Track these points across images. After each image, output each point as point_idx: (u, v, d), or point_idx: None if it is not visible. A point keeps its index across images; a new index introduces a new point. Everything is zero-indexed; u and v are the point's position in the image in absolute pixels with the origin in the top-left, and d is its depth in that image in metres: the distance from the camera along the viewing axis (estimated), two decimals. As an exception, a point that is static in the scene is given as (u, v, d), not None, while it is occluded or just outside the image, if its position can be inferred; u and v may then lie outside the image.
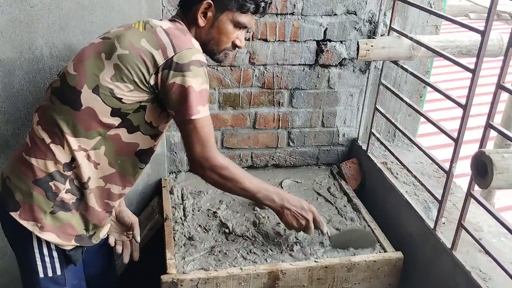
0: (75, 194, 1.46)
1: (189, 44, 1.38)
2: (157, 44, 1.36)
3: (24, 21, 1.83)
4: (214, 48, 1.54)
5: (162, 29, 1.39)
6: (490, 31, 1.44)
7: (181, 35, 1.39)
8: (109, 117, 1.39)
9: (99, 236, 1.59)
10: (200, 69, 1.37)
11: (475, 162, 1.26)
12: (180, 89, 1.35)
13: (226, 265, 1.72)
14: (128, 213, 1.77)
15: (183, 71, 1.34)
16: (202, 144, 1.42)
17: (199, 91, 1.37)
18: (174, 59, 1.34)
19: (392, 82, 2.30)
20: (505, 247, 1.66)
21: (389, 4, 2.13)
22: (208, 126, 1.44)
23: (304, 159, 2.45)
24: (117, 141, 1.44)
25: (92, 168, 1.45)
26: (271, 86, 2.24)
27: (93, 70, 1.38)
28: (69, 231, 1.47)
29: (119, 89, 1.36)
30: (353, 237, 1.86)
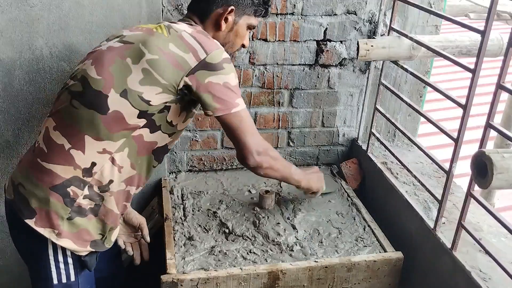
0: (94, 199, 1.45)
1: (217, 45, 1.45)
2: (186, 48, 1.40)
3: (24, 21, 1.83)
4: (228, 50, 1.59)
5: (187, 33, 1.44)
6: (490, 31, 1.44)
7: (206, 38, 1.46)
8: (136, 119, 1.41)
9: (111, 240, 1.57)
10: (231, 65, 1.44)
11: (475, 162, 1.26)
12: (218, 87, 1.41)
13: (226, 265, 1.72)
14: (135, 214, 1.78)
15: (218, 70, 1.40)
16: (252, 132, 1.50)
17: (235, 85, 1.44)
18: (207, 60, 1.39)
19: (392, 82, 2.30)
20: (505, 247, 1.66)
21: (389, 4, 2.13)
22: (249, 115, 1.52)
23: (304, 159, 2.45)
24: (139, 141, 1.46)
25: (116, 171, 1.45)
26: (271, 86, 2.24)
27: (120, 74, 1.39)
28: (85, 237, 1.46)
29: (148, 92, 1.39)
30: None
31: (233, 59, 1.64)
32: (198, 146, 2.30)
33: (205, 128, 2.26)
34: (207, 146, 2.31)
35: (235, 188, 2.22)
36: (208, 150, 2.32)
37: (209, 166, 2.36)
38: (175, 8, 2.00)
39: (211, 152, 2.33)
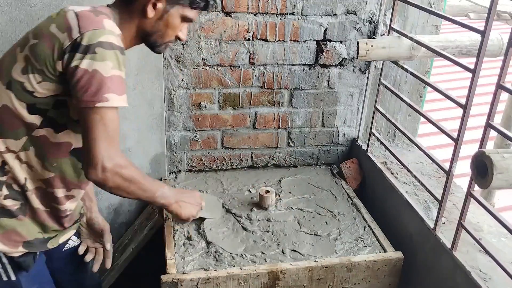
0: (18, 199, 1.39)
1: (98, 25, 1.25)
2: (63, 27, 1.25)
3: (24, 21, 1.83)
4: (157, 40, 1.46)
5: (74, 12, 1.28)
6: (490, 31, 1.44)
7: (91, 16, 1.27)
8: (27, 114, 1.31)
9: (58, 241, 1.52)
10: (110, 52, 1.23)
11: (475, 162, 1.26)
12: (84, 73, 1.21)
13: (226, 265, 1.72)
14: (98, 220, 1.71)
15: (88, 53, 1.21)
16: (109, 140, 1.25)
17: (108, 77, 1.22)
18: (79, 40, 1.22)
19: (392, 82, 2.30)
20: (505, 247, 1.66)
21: (389, 4, 2.13)
22: (117, 120, 1.28)
23: (304, 159, 2.45)
24: (45, 143, 1.36)
25: (26, 168, 1.37)
26: (271, 86, 2.24)
27: (7, 65, 1.31)
28: (15, 238, 1.40)
29: (28, 81, 1.28)
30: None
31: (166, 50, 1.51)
32: (198, 146, 2.30)
33: (205, 128, 2.26)
34: (207, 146, 2.31)
35: (235, 188, 2.21)
36: (208, 150, 2.32)
37: (209, 166, 2.36)
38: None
39: (211, 152, 2.33)
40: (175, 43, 1.49)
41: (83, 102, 1.22)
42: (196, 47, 2.08)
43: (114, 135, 1.27)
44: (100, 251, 1.74)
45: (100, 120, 1.23)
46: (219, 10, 2.04)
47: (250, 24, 2.09)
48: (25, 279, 1.47)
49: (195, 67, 2.12)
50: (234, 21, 2.07)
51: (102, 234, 1.70)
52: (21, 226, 1.41)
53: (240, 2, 2.04)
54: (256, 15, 2.08)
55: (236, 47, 2.12)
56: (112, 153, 1.27)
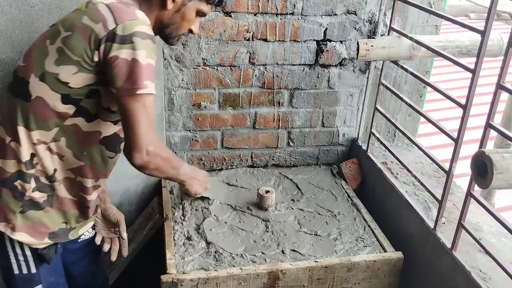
0: (45, 191, 1.43)
1: (132, 16, 1.29)
2: (97, 18, 1.28)
3: (24, 21, 1.83)
4: (173, 32, 1.51)
5: (104, 4, 1.32)
6: (490, 31, 1.44)
7: (123, 7, 1.31)
8: (61, 104, 1.34)
9: (78, 232, 1.56)
10: (145, 42, 1.28)
11: (475, 162, 1.26)
12: (124, 62, 1.26)
13: (226, 265, 1.72)
14: (113, 210, 1.75)
15: (126, 43, 1.25)
16: (151, 125, 1.33)
17: (145, 65, 1.27)
18: (116, 31, 1.26)
19: (392, 82, 2.30)
20: (505, 247, 1.66)
21: (389, 4, 2.13)
22: (153, 106, 1.34)
23: (304, 159, 2.45)
24: (77, 132, 1.40)
25: (57, 159, 1.41)
26: (271, 86, 2.24)
27: (38, 57, 1.34)
28: (42, 229, 1.45)
29: (63, 73, 1.31)
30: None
31: (178, 42, 1.54)
32: (198, 146, 2.30)
33: (205, 128, 2.26)
34: (207, 146, 2.31)
35: (235, 188, 2.21)
36: (208, 150, 2.32)
37: (209, 166, 2.36)
38: (175, 8, 1.99)
39: (211, 152, 2.33)
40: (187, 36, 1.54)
41: (125, 90, 1.27)
42: (196, 47, 2.08)
43: (153, 119, 1.35)
44: (116, 241, 1.79)
45: (142, 106, 1.29)
46: (219, 10, 2.04)
47: (250, 24, 2.09)
48: (44, 271, 1.52)
49: (195, 67, 2.13)
50: (234, 21, 2.07)
51: (118, 224, 1.74)
52: (47, 217, 1.45)
53: (240, 2, 2.04)
54: (256, 15, 2.08)
55: (236, 47, 2.12)
56: (154, 137, 1.35)
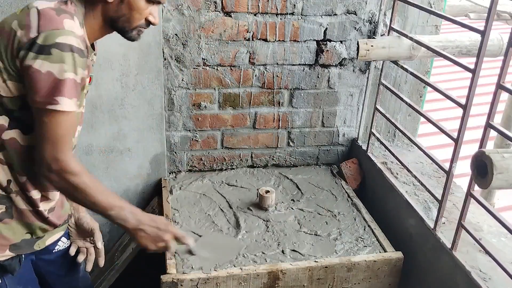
0: (3, 202, 1.36)
1: (58, 25, 1.20)
2: (23, 24, 1.21)
3: (24, 21, 1.83)
4: (125, 25, 1.38)
5: (37, 9, 1.24)
6: (490, 31, 1.44)
7: (53, 15, 1.22)
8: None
9: (45, 243, 1.49)
10: (66, 54, 1.19)
11: (475, 162, 1.26)
12: (38, 74, 1.18)
13: (226, 265, 1.72)
14: (87, 219, 1.68)
15: (42, 54, 1.17)
16: (54, 142, 1.24)
17: (62, 80, 1.19)
18: (36, 40, 1.18)
19: (392, 82, 2.30)
20: (505, 247, 1.66)
21: (389, 4, 2.13)
22: (67, 124, 1.25)
23: (304, 159, 2.45)
24: (16, 146, 1.32)
25: (7, 170, 1.34)
26: (271, 86, 2.24)
27: None
28: (1, 242, 1.37)
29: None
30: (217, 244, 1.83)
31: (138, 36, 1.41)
32: (198, 146, 2.30)
33: (205, 128, 2.26)
34: (207, 146, 2.31)
35: (235, 188, 2.21)
36: (208, 150, 2.32)
37: (209, 166, 2.36)
38: (175, 8, 2.00)
39: (211, 152, 2.33)
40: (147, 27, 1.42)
41: (35, 102, 1.21)
42: (196, 47, 2.08)
43: (62, 138, 1.25)
44: (92, 250, 1.71)
45: (47, 122, 1.22)
46: (219, 10, 2.04)
47: (250, 24, 2.09)
48: (10, 280, 1.45)
49: (195, 67, 2.12)
50: (234, 21, 2.07)
51: (92, 233, 1.65)
52: (7, 229, 1.38)
53: (240, 2, 2.04)
54: (256, 15, 2.08)
55: (236, 47, 2.12)
56: (60, 156, 1.25)
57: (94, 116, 2.05)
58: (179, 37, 2.05)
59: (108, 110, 2.06)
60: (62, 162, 1.26)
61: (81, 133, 2.01)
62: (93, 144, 2.11)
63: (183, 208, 2.05)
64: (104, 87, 2.02)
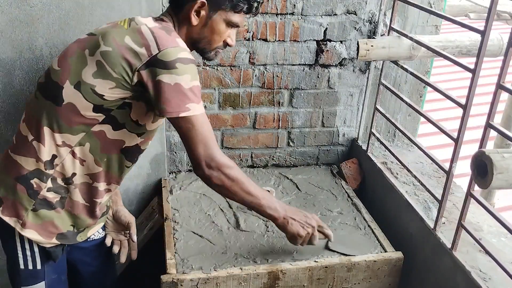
0: (59, 192, 1.45)
1: (174, 43, 1.34)
2: (140, 42, 1.33)
3: (24, 21, 1.83)
4: (206, 47, 1.52)
5: (147, 27, 1.36)
6: (490, 31, 1.44)
7: (165, 34, 1.36)
8: (91, 113, 1.38)
9: (86, 235, 1.58)
10: (188, 66, 1.33)
11: (475, 162, 1.26)
12: (167, 87, 1.31)
13: (226, 265, 1.72)
14: (125, 212, 1.76)
15: (169, 69, 1.31)
16: (204, 143, 1.38)
17: (188, 88, 1.33)
18: (159, 57, 1.31)
19: (392, 82, 2.30)
20: (505, 247, 1.66)
21: (389, 4, 2.13)
22: (206, 124, 1.39)
23: (304, 159, 2.45)
24: (102, 138, 1.43)
25: (78, 164, 1.44)
26: (271, 86, 2.24)
27: (76, 65, 1.37)
28: (51, 229, 1.47)
29: (100, 86, 1.34)
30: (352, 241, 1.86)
31: (216, 56, 1.55)
32: (198, 146, 2.29)
33: (205, 128, 2.26)
34: (207, 146, 2.30)
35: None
36: (208, 150, 2.32)
37: (209, 166, 2.35)
38: (175, 8, 1.99)
39: (211, 152, 2.33)
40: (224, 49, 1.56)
41: (168, 113, 1.33)
42: (196, 47, 2.08)
43: (208, 137, 1.39)
44: (126, 243, 1.79)
45: (190, 128, 1.36)
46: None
47: (250, 24, 2.09)
48: (49, 268, 1.53)
49: (195, 67, 2.12)
50: (234, 21, 2.07)
51: (129, 226, 1.75)
52: (58, 218, 1.47)
53: (240, 2, 2.04)
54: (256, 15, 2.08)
55: (236, 47, 2.12)
56: (212, 153, 1.40)
57: (94, 116, 2.05)
58: (179, 37, 2.05)
59: (108, 110, 2.06)
60: (218, 158, 1.41)
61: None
62: (93, 144, 2.11)
63: (183, 208, 2.05)
64: (104, 87, 2.02)
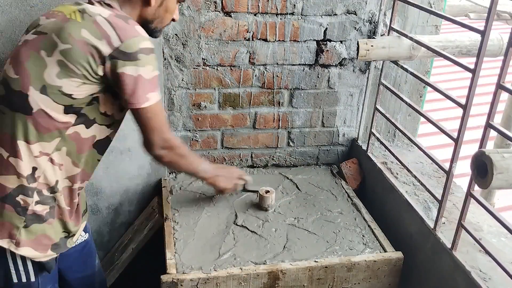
0: (47, 203, 1.42)
1: (134, 32, 1.33)
2: (99, 35, 1.30)
3: (24, 21, 1.83)
4: (158, 26, 1.53)
5: (103, 17, 1.33)
6: (490, 31, 1.44)
7: (123, 23, 1.34)
8: (63, 115, 1.35)
9: (73, 240, 1.57)
10: (149, 57, 1.34)
11: (475, 162, 1.26)
12: (130, 79, 1.32)
13: (226, 265, 1.72)
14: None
15: (131, 60, 1.31)
16: (159, 128, 1.46)
17: (149, 79, 1.36)
18: (121, 49, 1.30)
19: (392, 82, 2.30)
20: (505, 247, 1.66)
21: (389, 4, 2.13)
22: (161, 110, 1.46)
23: (304, 159, 2.45)
24: (77, 139, 1.41)
25: (58, 170, 1.42)
26: (271, 86, 2.24)
27: (35, 70, 1.32)
28: (45, 242, 1.44)
29: (67, 85, 1.31)
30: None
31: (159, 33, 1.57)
32: (198, 146, 2.30)
33: (205, 128, 2.26)
34: (207, 146, 2.31)
35: (235, 188, 2.21)
36: (208, 150, 2.32)
37: (209, 166, 2.36)
38: (175, 8, 1.99)
39: (211, 152, 2.33)
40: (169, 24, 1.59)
41: (131, 104, 1.37)
42: (196, 47, 2.08)
43: (162, 122, 1.47)
44: None
45: (149, 117, 1.42)
46: (219, 10, 2.04)
47: (250, 24, 2.09)
48: (43, 279, 1.51)
49: (195, 67, 2.13)
50: (234, 21, 2.07)
51: None
52: (50, 229, 1.45)
53: (240, 2, 2.04)
54: (256, 15, 2.08)
55: (236, 47, 2.12)
56: (166, 136, 1.49)
57: (94, 116, 2.05)
58: (179, 37, 2.05)
59: (108, 110, 2.06)
60: (170, 140, 1.52)
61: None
62: (93, 144, 2.11)
63: (183, 208, 2.05)
64: (104, 87, 2.02)
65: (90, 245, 1.77)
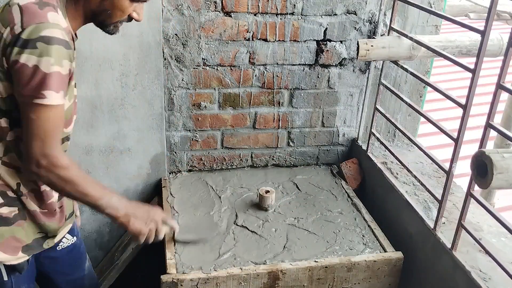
0: (14, 205, 1.37)
1: (41, 18, 1.19)
2: (7, 22, 1.20)
3: (24, 21, 1.82)
4: (106, 20, 1.38)
5: (18, 5, 1.22)
6: (490, 31, 1.44)
7: (36, 9, 1.21)
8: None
9: (54, 241, 1.52)
10: (51, 47, 1.17)
11: (475, 162, 1.26)
12: (25, 68, 1.17)
13: (226, 265, 1.72)
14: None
15: (27, 48, 1.16)
16: (43, 138, 1.24)
17: (49, 74, 1.18)
18: (21, 36, 1.17)
19: (392, 82, 2.30)
20: (505, 247, 1.66)
21: (389, 4, 2.13)
22: (55, 119, 1.24)
23: (304, 159, 2.45)
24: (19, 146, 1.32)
25: (15, 173, 1.35)
26: (271, 86, 2.24)
27: None
28: (14, 244, 1.39)
29: None
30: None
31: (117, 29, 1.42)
32: (198, 146, 2.30)
33: (205, 128, 2.26)
34: (207, 146, 2.31)
35: (235, 188, 2.21)
36: (208, 150, 2.32)
37: (209, 166, 2.36)
38: (175, 8, 2.00)
39: (211, 152, 2.33)
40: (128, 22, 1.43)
41: (21, 96, 1.20)
42: (196, 47, 2.08)
43: (50, 133, 1.24)
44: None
45: (35, 118, 1.21)
46: (219, 10, 2.04)
47: (250, 24, 2.09)
48: (16, 279, 1.46)
49: (195, 67, 2.13)
50: (234, 21, 2.07)
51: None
52: (19, 231, 1.40)
53: (240, 2, 2.04)
54: (256, 15, 2.08)
55: (236, 47, 2.12)
56: (49, 152, 1.25)
57: (94, 116, 2.05)
58: (179, 37, 2.05)
59: (108, 110, 2.06)
60: (51, 158, 1.26)
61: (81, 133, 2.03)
62: (93, 144, 2.11)
63: (183, 208, 2.05)
64: (104, 87, 2.02)
65: (78, 248, 1.71)
